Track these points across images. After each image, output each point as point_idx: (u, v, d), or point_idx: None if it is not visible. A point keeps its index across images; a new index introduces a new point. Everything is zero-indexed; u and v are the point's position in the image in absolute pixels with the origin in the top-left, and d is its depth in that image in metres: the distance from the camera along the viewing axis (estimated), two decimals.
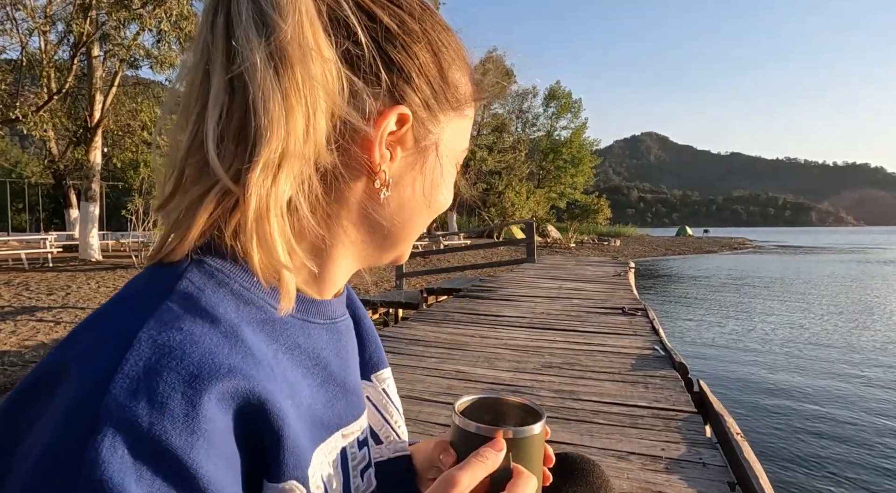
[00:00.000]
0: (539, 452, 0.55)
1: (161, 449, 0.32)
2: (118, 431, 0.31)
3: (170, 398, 0.33)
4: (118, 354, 0.34)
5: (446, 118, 0.51)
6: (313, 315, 0.50)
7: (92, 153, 13.98)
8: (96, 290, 9.65)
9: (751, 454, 2.71)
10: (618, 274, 13.10)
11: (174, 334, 0.35)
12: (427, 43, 0.47)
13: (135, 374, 0.33)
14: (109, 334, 0.36)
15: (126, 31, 12.72)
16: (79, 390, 0.33)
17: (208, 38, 0.41)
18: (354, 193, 0.48)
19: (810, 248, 48.09)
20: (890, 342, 8.72)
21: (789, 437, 4.78)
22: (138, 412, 0.32)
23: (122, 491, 0.30)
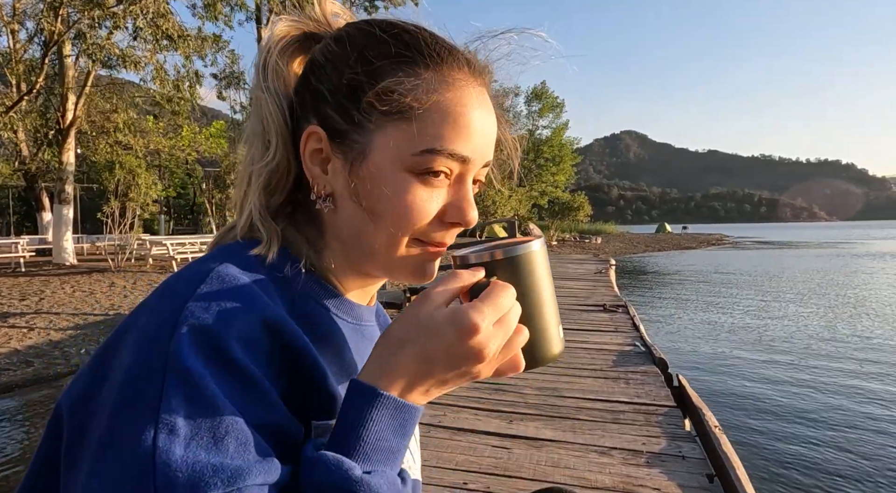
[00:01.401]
0: (530, 274, 0.48)
1: (228, 355, 0.40)
2: (194, 335, 0.40)
3: (234, 318, 0.41)
4: (194, 285, 0.43)
5: (376, 125, 0.49)
6: (342, 312, 0.56)
7: (65, 154, 13.66)
8: (71, 294, 9.43)
9: (728, 446, 2.77)
10: (599, 271, 13.24)
11: (237, 280, 0.45)
12: (341, 62, 0.51)
13: (209, 297, 0.42)
14: (186, 275, 0.46)
15: (100, 30, 12.45)
16: (161, 309, 0.42)
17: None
18: (314, 206, 0.54)
19: (786, 243, 49.18)
20: (865, 331, 8.97)
21: (766, 427, 4.89)
22: (210, 322, 0.40)
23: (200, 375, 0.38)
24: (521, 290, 0.47)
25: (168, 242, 14.06)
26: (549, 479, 2.49)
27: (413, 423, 0.45)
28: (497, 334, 0.43)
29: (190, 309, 0.41)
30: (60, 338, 6.84)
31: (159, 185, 15.10)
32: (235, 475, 0.37)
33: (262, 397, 0.42)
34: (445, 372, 0.44)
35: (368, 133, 0.50)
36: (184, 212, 35.84)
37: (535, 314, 0.48)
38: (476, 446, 2.85)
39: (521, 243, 0.48)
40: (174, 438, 0.37)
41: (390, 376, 0.43)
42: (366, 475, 0.40)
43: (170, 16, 11.88)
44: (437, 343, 0.43)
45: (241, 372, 0.41)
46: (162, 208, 28.13)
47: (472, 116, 0.50)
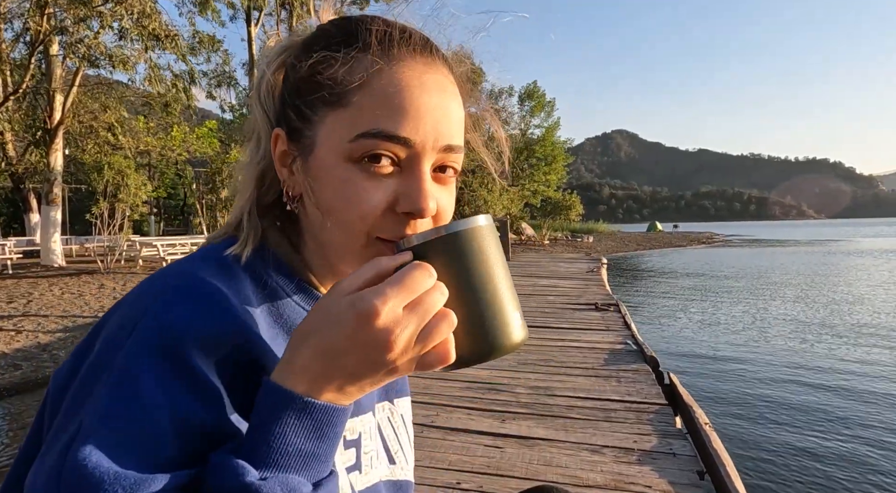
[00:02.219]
0: (471, 254, 0.42)
1: (181, 358, 0.41)
2: (148, 337, 0.41)
3: (195, 320, 0.42)
4: (162, 288, 0.45)
5: (320, 117, 0.49)
6: None
7: (52, 155, 13.51)
8: (60, 296, 9.34)
9: (718, 443, 2.79)
10: (591, 270, 13.30)
11: (207, 282, 0.46)
12: (298, 59, 0.52)
13: (172, 301, 0.43)
14: (160, 278, 0.47)
15: (86, 29, 12.33)
16: (129, 310, 0.44)
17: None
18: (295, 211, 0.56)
19: (776, 241, 49.64)
20: (855, 329, 9.07)
21: (756, 424, 4.93)
22: (168, 325, 0.42)
23: (140, 381, 0.40)
24: (458, 271, 0.42)
25: (158, 243, 13.96)
26: (541, 478, 2.50)
27: (332, 424, 0.41)
28: (409, 320, 0.38)
29: (152, 310, 0.42)
30: (49, 341, 6.77)
31: (149, 185, 14.95)
32: (137, 483, 0.37)
33: (207, 397, 0.41)
34: (354, 365, 0.39)
35: (315, 126, 0.49)
36: (174, 213, 35.60)
37: (480, 298, 0.42)
38: (469, 445, 2.85)
39: (460, 220, 0.43)
40: (89, 441, 0.37)
41: (295, 372, 0.40)
42: (260, 481, 0.37)
43: (155, 15, 11.76)
44: (339, 332, 0.39)
45: (189, 373, 0.41)
46: (152, 209, 27.93)
47: (410, 95, 0.47)
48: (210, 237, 0.57)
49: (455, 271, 0.42)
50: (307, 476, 0.40)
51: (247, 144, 0.57)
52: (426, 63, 0.50)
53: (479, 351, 0.42)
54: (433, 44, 0.52)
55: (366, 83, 0.47)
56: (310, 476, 0.40)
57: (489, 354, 0.42)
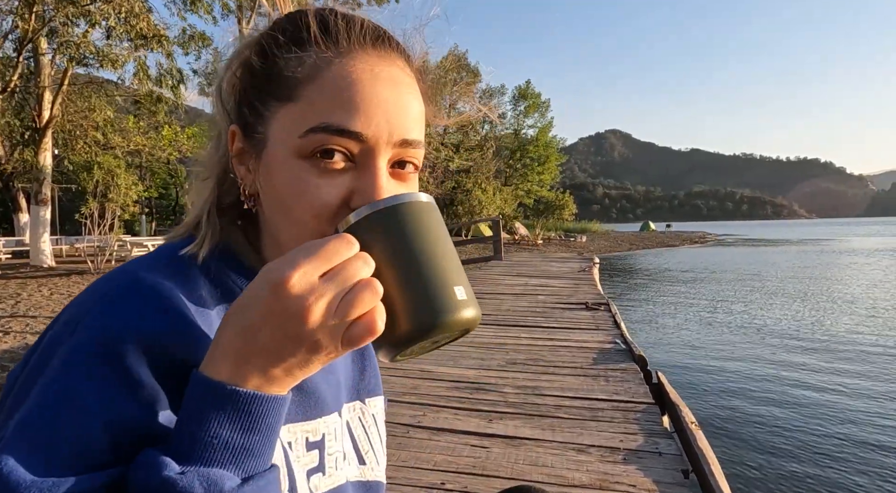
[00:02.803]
0: (404, 226, 0.41)
1: (120, 358, 0.40)
2: (85, 335, 0.41)
3: (134, 320, 0.42)
4: (107, 288, 0.45)
5: (272, 112, 0.48)
6: None
7: (41, 155, 13.38)
8: (49, 297, 9.25)
9: (704, 442, 2.80)
10: (583, 270, 13.33)
11: (153, 281, 0.45)
12: (237, 54, 0.52)
13: (114, 299, 0.43)
14: (108, 279, 0.46)
15: (75, 27, 12.22)
16: (75, 309, 0.44)
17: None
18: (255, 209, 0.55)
19: (768, 240, 49.98)
20: (844, 327, 9.15)
21: (743, 423, 4.96)
22: (107, 324, 0.41)
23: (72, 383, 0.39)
24: (396, 244, 0.40)
25: (149, 242, 13.88)
26: (526, 478, 2.50)
27: (262, 414, 0.38)
28: (325, 287, 0.36)
29: (94, 310, 0.42)
30: None
31: (140, 185, 14.85)
32: (56, 486, 0.36)
33: (143, 398, 0.40)
34: (271, 340, 0.37)
35: (266, 122, 0.48)
36: (166, 213, 35.41)
37: (415, 271, 0.40)
38: (455, 446, 2.85)
39: (393, 196, 0.42)
40: (12, 445, 0.37)
41: (216, 358, 0.38)
42: (178, 475, 0.35)
43: (143, 14, 11.66)
44: (254, 307, 0.37)
45: (125, 373, 0.40)
46: (143, 209, 27.77)
47: (363, 88, 0.45)
48: (168, 236, 0.56)
49: (390, 245, 0.40)
50: (235, 471, 0.38)
51: (209, 142, 0.56)
52: (379, 55, 0.48)
53: (416, 326, 0.40)
54: (388, 35, 0.50)
55: (315, 76, 0.46)
56: (239, 471, 0.38)
57: (428, 330, 0.40)
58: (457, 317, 0.41)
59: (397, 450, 2.73)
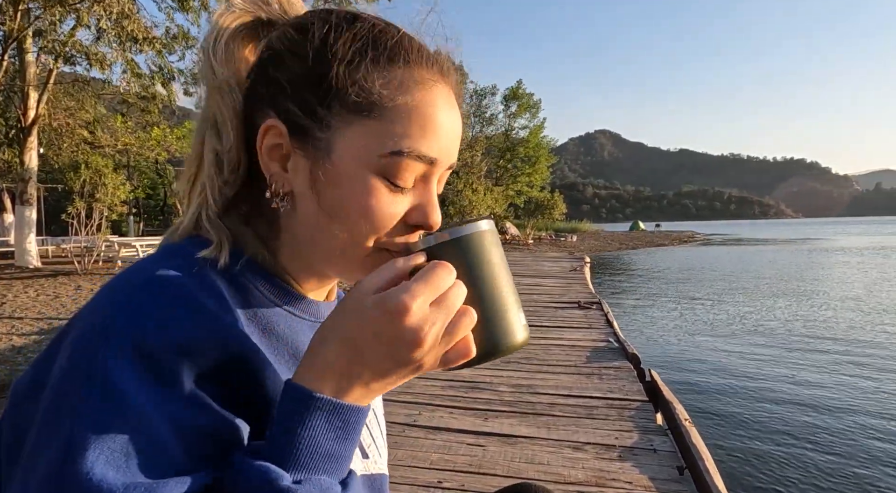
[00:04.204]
0: (479, 255, 0.45)
1: (159, 362, 0.39)
2: (123, 343, 0.39)
3: (169, 324, 0.40)
4: (128, 291, 0.42)
5: (341, 122, 0.47)
6: (299, 310, 0.54)
7: (27, 154, 13.18)
8: (35, 298, 9.12)
9: (698, 438, 2.83)
10: (574, 269, 13.40)
11: (175, 280, 0.43)
12: (309, 56, 0.48)
13: (142, 302, 0.41)
14: (123, 280, 0.44)
15: (62, 26, 12.05)
16: (93, 316, 0.41)
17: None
18: (269, 205, 0.51)
19: (756, 240, 50.51)
20: (834, 323, 9.27)
21: (736, 419, 5.01)
22: (143, 329, 0.39)
23: (122, 388, 0.37)
24: (471, 271, 0.44)
25: (137, 243, 13.72)
26: (523, 475, 2.50)
27: (357, 425, 0.42)
28: (436, 315, 0.40)
29: (123, 316, 0.40)
30: (24, 343, 6.61)
31: (128, 185, 14.67)
32: (151, 490, 0.36)
33: (195, 402, 0.40)
34: (380, 362, 0.40)
35: (332, 130, 0.47)
36: (154, 213, 35.10)
37: (488, 298, 0.44)
38: (451, 444, 2.84)
39: (468, 224, 0.45)
40: (86, 454, 0.36)
41: (321, 373, 0.41)
42: (295, 484, 0.38)
43: (134, 16, 11.53)
44: (365, 330, 0.40)
45: (172, 378, 0.40)
46: (131, 209, 27.47)
47: (440, 117, 0.48)
48: (167, 236, 0.53)
49: (466, 272, 0.44)
50: (335, 477, 0.41)
51: (201, 129, 0.51)
52: (448, 82, 0.51)
53: (485, 350, 0.44)
54: (452, 61, 0.53)
55: (400, 98, 0.47)
56: (336, 476, 0.41)
57: (497, 351, 0.44)
58: (517, 342, 0.45)
59: (393, 449, 2.73)
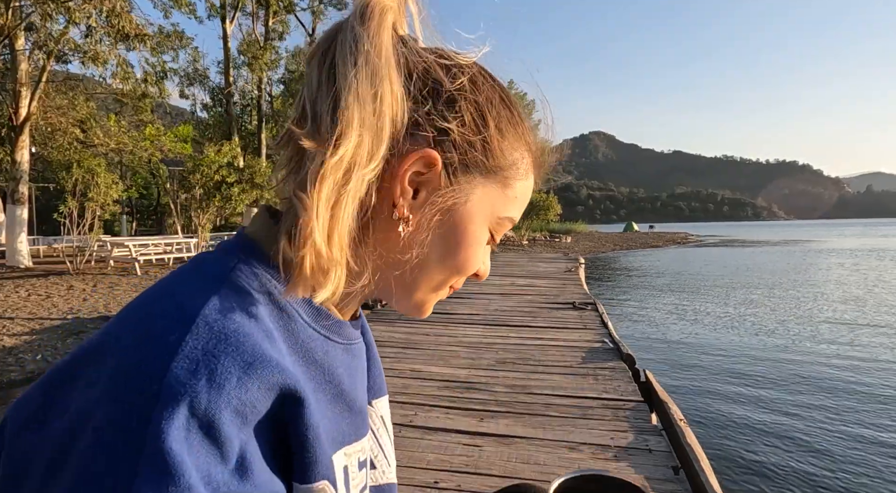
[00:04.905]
0: None
1: (214, 428, 0.35)
2: (178, 407, 0.34)
3: (226, 382, 0.36)
4: (178, 335, 0.37)
5: (484, 180, 0.51)
6: (334, 334, 0.52)
7: (18, 153, 13.08)
8: (26, 298, 9.05)
9: (693, 438, 2.84)
10: (569, 270, 13.42)
11: (228, 322, 0.39)
12: (476, 106, 0.50)
13: (195, 356, 0.36)
14: (166, 316, 0.38)
15: (54, 23, 11.96)
16: (138, 366, 0.36)
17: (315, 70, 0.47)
18: (378, 222, 0.49)
19: (748, 241, 50.81)
20: (825, 323, 9.34)
21: (730, 419, 5.04)
22: (198, 390, 0.35)
23: (179, 461, 0.33)
24: None
25: (130, 243, 13.64)
26: (519, 476, 2.50)
27: None
28: None
29: (175, 372, 0.35)
30: (14, 344, 6.55)
31: (120, 184, 14.57)
32: None
33: (253, 474, 0.38)
34: None
35: (474, 182, 0.51)
36: (147, 212, 34.87)
37: None
38: (447, 444, 2.84)
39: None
40: None
41: None
42: None
43: (125, 13, 11.45)
44: None
45: (231, 450, 0.37)
46: (124, 209, 27.29)
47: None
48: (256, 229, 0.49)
49: None
50: None
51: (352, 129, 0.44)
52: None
53: None
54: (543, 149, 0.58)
55: (516, 169, 0.52)
56: None
57: None
58: None
59: None
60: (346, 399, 0.51)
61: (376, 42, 0.44)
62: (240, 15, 20.44)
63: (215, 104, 23.81)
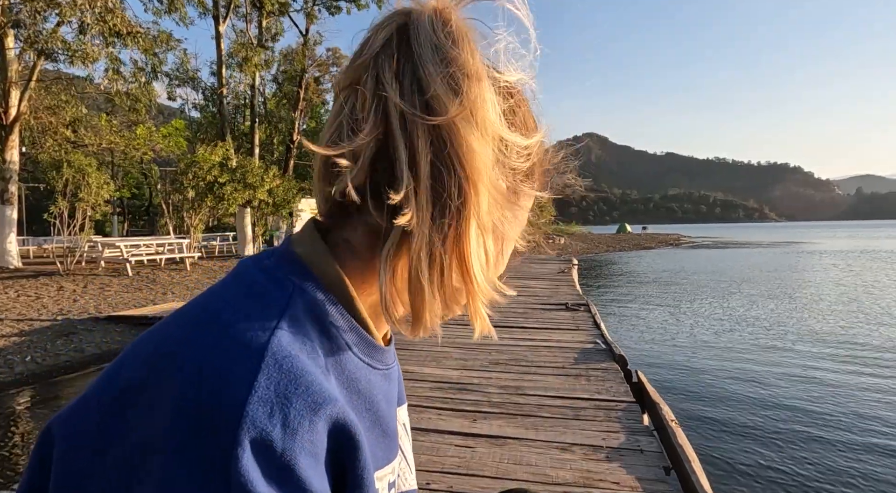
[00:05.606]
0: None
1: (289, 469, 0.35)
2: (258, 450, 0.34)
3: (300, 425, 0.36)
4: (248, 372, 0.36)
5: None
6: (376, 361, 0.51)
7: (8, 152, 12.95)
8: (16, 299, 8.95)
9: (684, 439, 2.85)
10: (562, 271, 13.46)
11: (295, 361, 0.38)
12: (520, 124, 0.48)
13: (268, 397, 0.35)
14: (231, 349, 0.37)
15: (45, 22, 11.86)
16: (214, 405, 0.34)
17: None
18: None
19: (740, 243, 51.15)
20: (817, 324, 9.41)
21: (721, 419, 5.06)
22: (275, 435, 0.35)
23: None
24: None
25: (121, 243, 13.54)
26: (511, 477, 2.50)
27: None
28: None
29: (252, 415, 0.34)
30: (3, 345, 6.48)
31: (112, 184, 14.46)
32: None
33: None
34: None
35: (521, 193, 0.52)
36: (139, 213, 34.64)
37: None
38: (439, 446, 2.84)
39: None
40: None
41: None
42: None
43: (118, 11, 11.38)
44: None
45: (307, 491, 0.37)
46: (115, 209, 27.10)
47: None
48: (305, 241, 0.47)
49: None
50: None
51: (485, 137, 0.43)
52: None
53: None
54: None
55: (530, 180, 0.50)
56: None
57: None
58: None
59: None
60: (381, 424, 0.51)
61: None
62: (233, 16, 20.37)
63: (208, 104, 23.71)
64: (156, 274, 12.62)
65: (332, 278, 0.45)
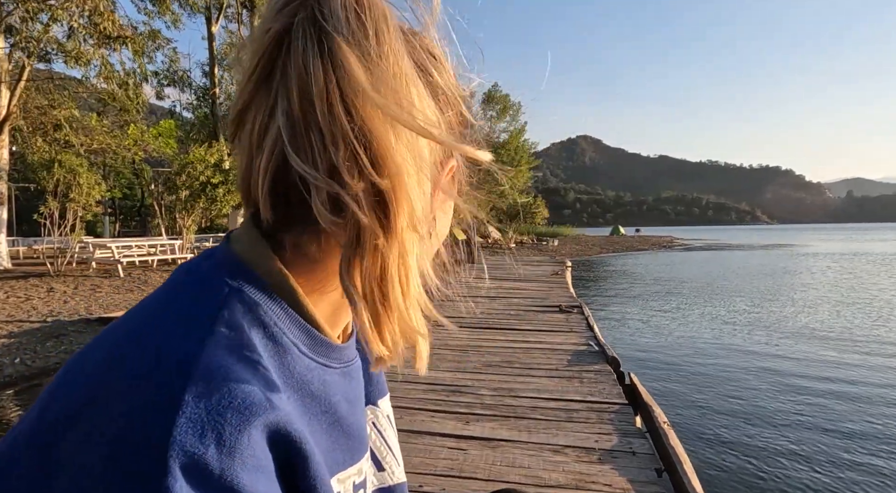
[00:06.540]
0: None
1: (232, 491, 0.32)
2: (192, 476, 0.31)
3: (237, 441, 0.33)
4: (174, 396, 0.33)
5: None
6: (331, 360, 0.48)
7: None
8: (5, 300, 8.86)
9: (676, 441, 2.86)
10: (555, 273, 13.49)
11: (227, 372, 0.35)
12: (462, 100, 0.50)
13: (198, 416, 0.32)
14: (155, 368, 0.34)
15: (36, 23, 11.77)
16: (136, 436, 0.31)
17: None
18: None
19: (733, 245, 51.48)
20: (810, 325, 9.47)
21: (713, 421, 5.08)
22: (209, 457, 0.32)
23: None
24: None
25: (113, 244, 13.44)
26: (503, 479, 2.50)
27: None
28: None
29: (178, 441, 0.31)
30: None
31: (103, 185, 14.36)
32: None
33: None
34: None
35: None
36: (130, 213, 34.41)
37: None
38: (432, 448, 2.83)
39: None
40: None
41: None
42: None
43: (108, 13, 11.31)
44: None
45: None
46: (106, 209, 26.91)
47: None
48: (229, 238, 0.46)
49: None
50: None
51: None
52: None
53: None
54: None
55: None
56: None
57: None
58: None
59: None
60: (342, 425, 0.50)
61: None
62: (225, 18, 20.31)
63: (200, 105, 23.57)
64: (147, 275, 12.52)
65: (273, 276, 0.43)
